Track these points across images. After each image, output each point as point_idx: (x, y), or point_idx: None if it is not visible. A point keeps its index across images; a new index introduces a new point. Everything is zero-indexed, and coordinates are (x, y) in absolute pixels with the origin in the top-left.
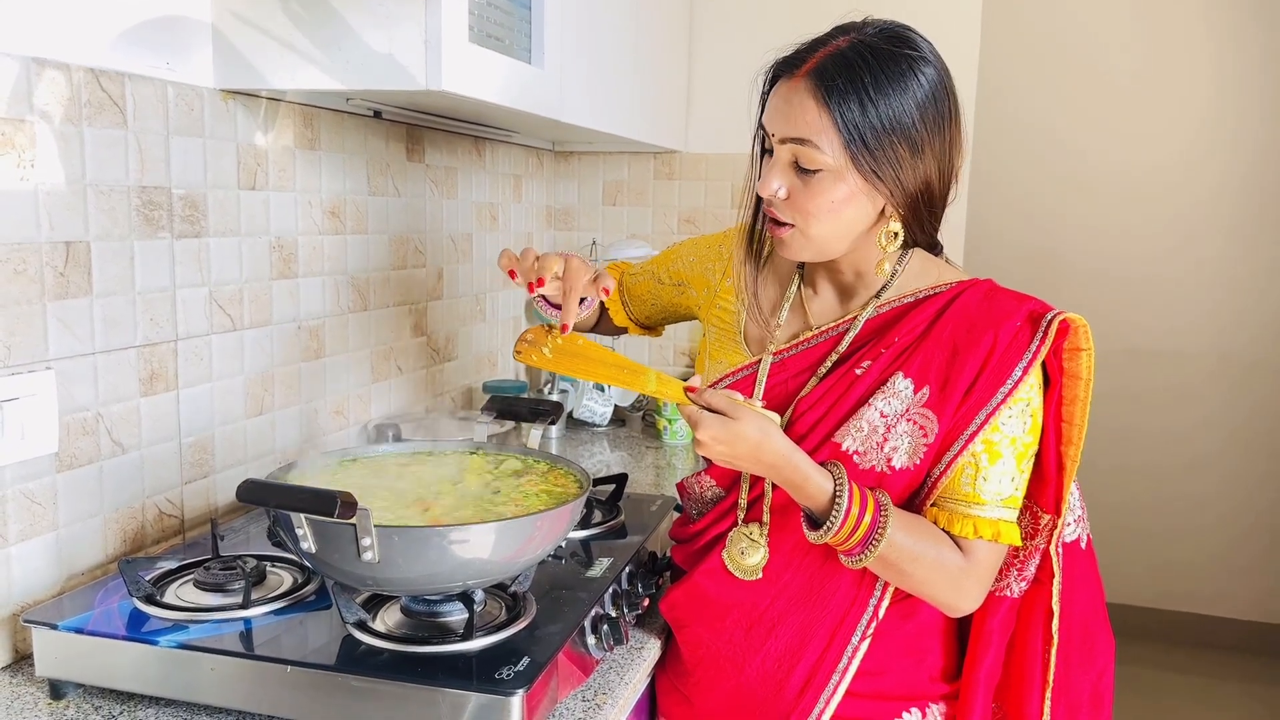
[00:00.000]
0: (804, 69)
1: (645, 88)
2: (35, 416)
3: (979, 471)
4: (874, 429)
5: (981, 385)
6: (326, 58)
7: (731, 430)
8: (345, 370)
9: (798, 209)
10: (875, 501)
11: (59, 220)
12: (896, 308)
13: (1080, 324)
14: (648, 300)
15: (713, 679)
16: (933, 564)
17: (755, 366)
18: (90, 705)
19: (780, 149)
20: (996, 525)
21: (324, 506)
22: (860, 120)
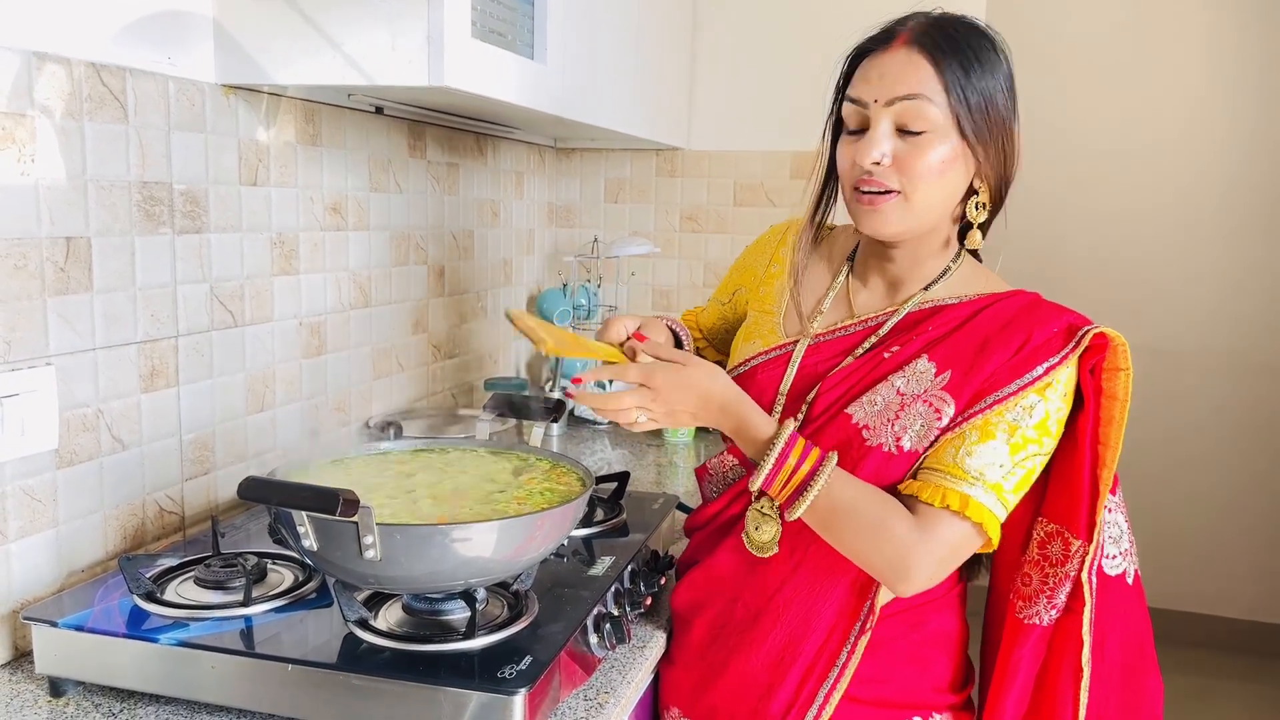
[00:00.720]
0: (901, 38)
1: (648, 84)
2: (35, 413)
3: (964, 444)
4: (888, 405)
5: (999, 376)
6: (329, 53)
7: (682, 376)
8: (346, 367)
9: (904, 171)
10: (820, 454)
11: (59, 215)
12: (940, 306)
13: (1120, 343)
14: (721, 328)
15: (723, 663)
16: (873, 527)
17: (791, 347)
18: (90, 703)
19: (883, 114)
20: (968, 500)
21: (326, 504)
22: (964, 81)
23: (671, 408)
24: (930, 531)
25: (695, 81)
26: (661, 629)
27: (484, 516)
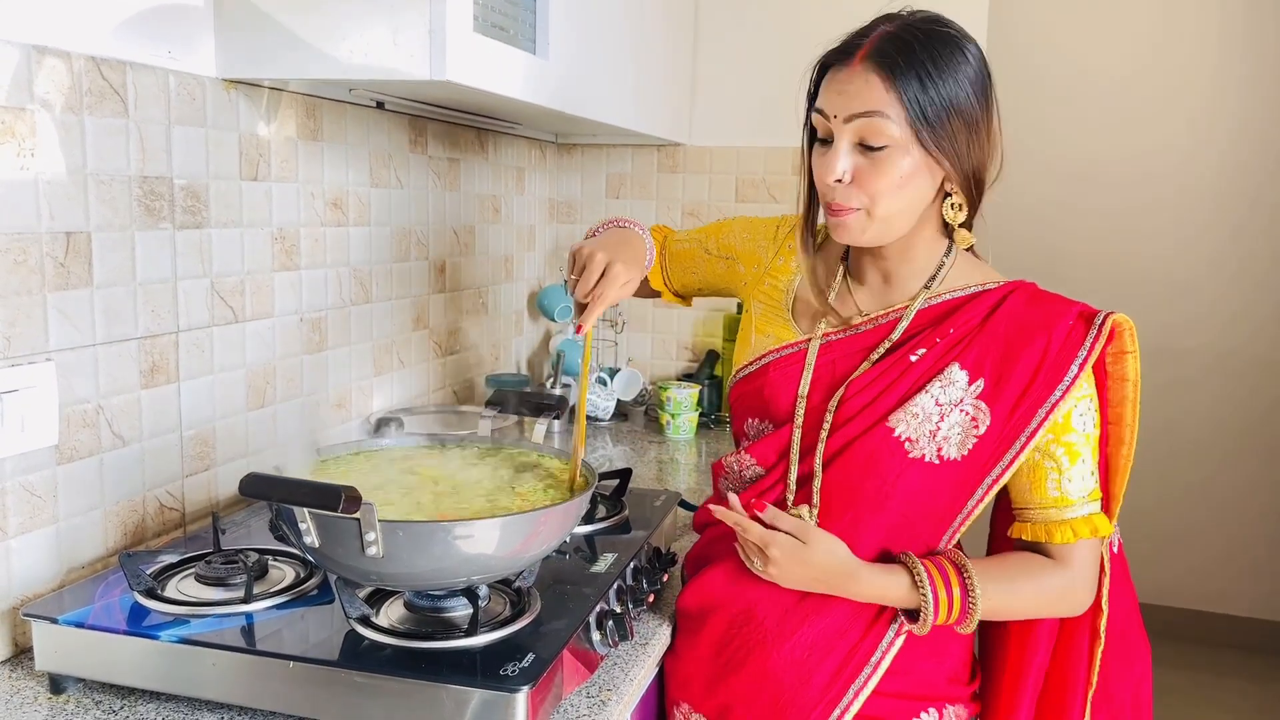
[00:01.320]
0: (860, 53)
1: (649, 80)
2: (35, 408)
3: (1063, 474)
4: (928, 416)
5: (1039, 384)
6: (330, 47)
7: (802, 555)
8: (347, 363)
9: (865, 188)
10: (956, 571)
11: (59, 210)
12: (949, 301)
13: (1128, 326)
14: (690, 269)
15: (740, 661)
16: (1036, 597)
17: (804, 345)
18: (90, 700)
19: (844, 131)
20: (1091, 521)
21: (328, 501)
22: (921, 95)
23: (787, 574)
24: (1078, 566)
25: (697, 77)
26: (665, 625)
27: (486, 513)
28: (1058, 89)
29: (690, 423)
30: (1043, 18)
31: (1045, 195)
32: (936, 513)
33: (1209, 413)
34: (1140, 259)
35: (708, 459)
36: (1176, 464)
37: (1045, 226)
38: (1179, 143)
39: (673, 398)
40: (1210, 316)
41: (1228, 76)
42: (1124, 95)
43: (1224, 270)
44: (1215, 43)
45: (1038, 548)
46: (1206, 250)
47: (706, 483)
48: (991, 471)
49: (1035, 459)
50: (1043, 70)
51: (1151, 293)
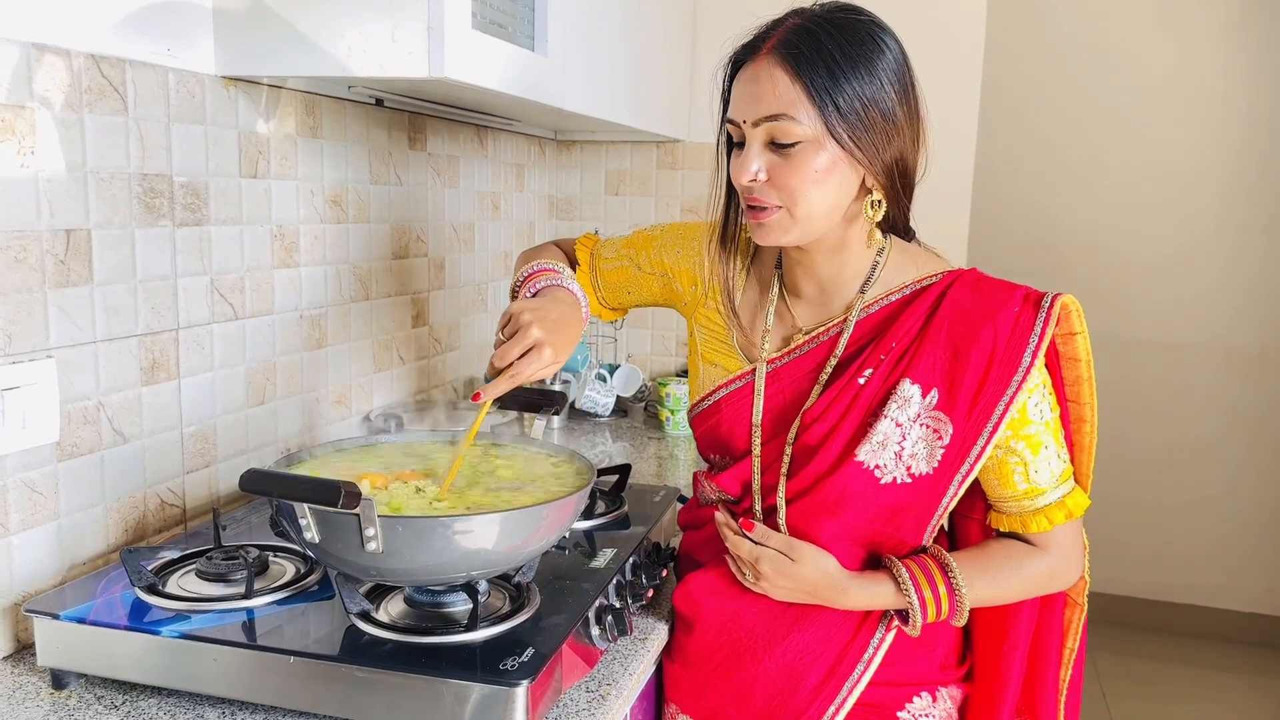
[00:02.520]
0: (766, 47)
1: (649, 76)
2: (36, 405)
3: (1028, 466)
4: (889, 439)
5: (993, 379)
6: (329, 45)
7: (791, 571)
8: (347, 360)
9: (781, 187)
10: (940, 569)
11: (59, 208)
12: (886, 306)
13: (1074, 306)
14: (624, 288)
15: (730, 667)
16: (1023, 582)
17: (750, 376)
18: (92, 695)
19: (754, 133)
20: (1064, 505)
21: (328, 496)
22: (831, 86)
23: (777, 588)
24: (1059, 547)
25: (696, 73)
26: (663, 621)
27: (486, 508)
28: (1059, 87)
29: None
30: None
31: (1047, 191)
32: (915, 520)
33: (1211, 408)
34: (1141, 254)
35: None
36: (1177, 459)
37: (1046, 222)
38: (1182, 137)
39: (672, 394)
40: (1213, 312)
41: (1228, 70)
42: (1127, 91)
43: (1227, 265)
44: (1222, 37)
45: (1017, 535)
46: (1208, 245)
47: None
48: (960, 470)
49: (998, 455)
50: (1043, 62)
51: (1150, 287)
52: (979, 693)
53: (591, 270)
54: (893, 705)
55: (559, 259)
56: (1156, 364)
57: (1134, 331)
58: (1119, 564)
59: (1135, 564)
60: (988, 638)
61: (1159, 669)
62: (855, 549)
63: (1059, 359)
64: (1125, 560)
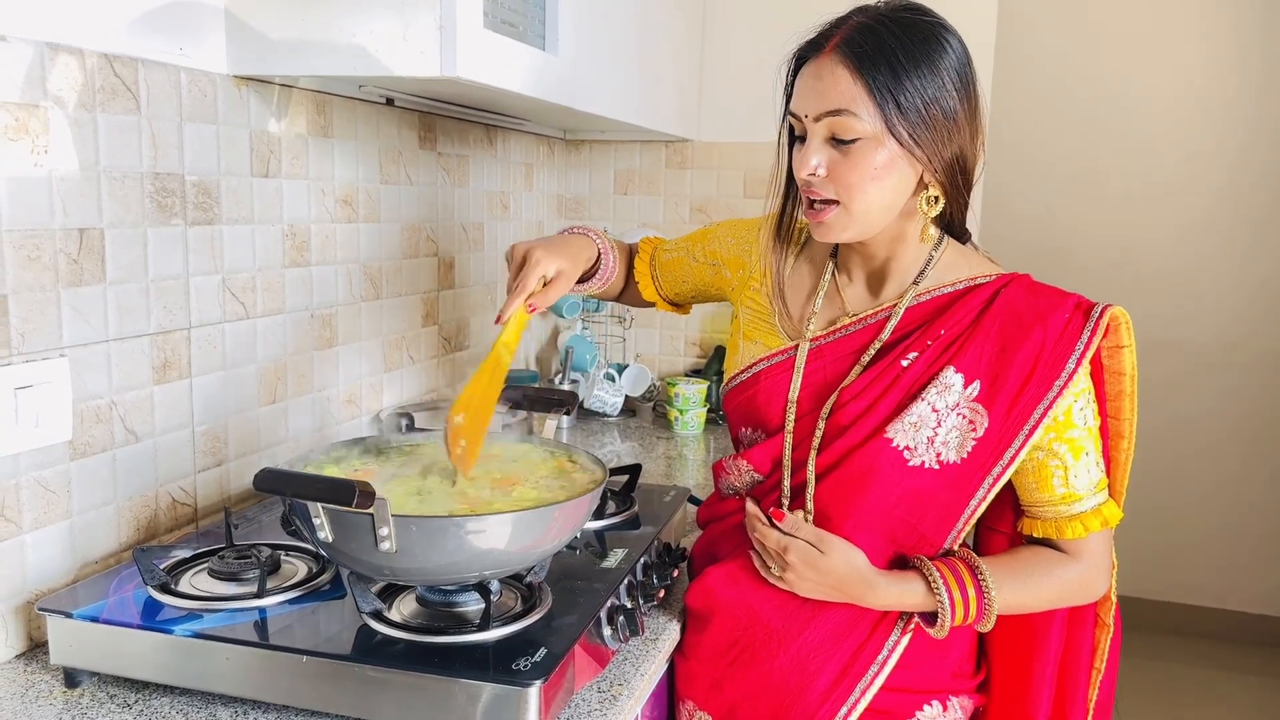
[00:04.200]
0: (830, 45)
1: (658, 76)
2: (49, 404)
3: (1068, 470)
4: (925, 423)
5: (1036, 380)
6: (341, 44)
7: (819, 563)
8: (357, 359)
9: (839, 182)
10: (970, 572)
11: (73, 207)
12: (938, 298)
13: (1124, 319)
14: (680, 278)
15: (745, 663)
16: (1052, 590)
17: (793, 352)
18: (105, 694)
19: (815, 127)
20: (1100, 513)
21: (342, 496)
22: (893, 84)
23: (804, 581)
24: (1090, 557)
25: (705, 73)
26: (675, 621)
27: (499, 508)
28: (1062, 86)
29: (698, 418)
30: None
31: (1053, 191)
32: (939, 515)
33: (1216, 407)
34: (1142, 253)
35: (716, 454)
36: (1182, 458)
37: (1049, 220)
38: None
39: (681, 393)
40: (1217, 311)
41: (1232, 70)
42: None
43: (1231, 263)
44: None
45: (1050, 542)
46: (1209, 244)
47: None
48: (992, 470)
49: (1039, 458)
50: (1050, 59)
51: (1154, 286)
52: (1000, 709)
53: (651, 262)
54: (903, 713)
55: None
56: (1160, 363)
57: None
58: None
59: (1139, 564)
60: (1012, 652)
61: (1163, 669)
62: (880, 543)
63: (1103, 371)
64: (1129, 560)
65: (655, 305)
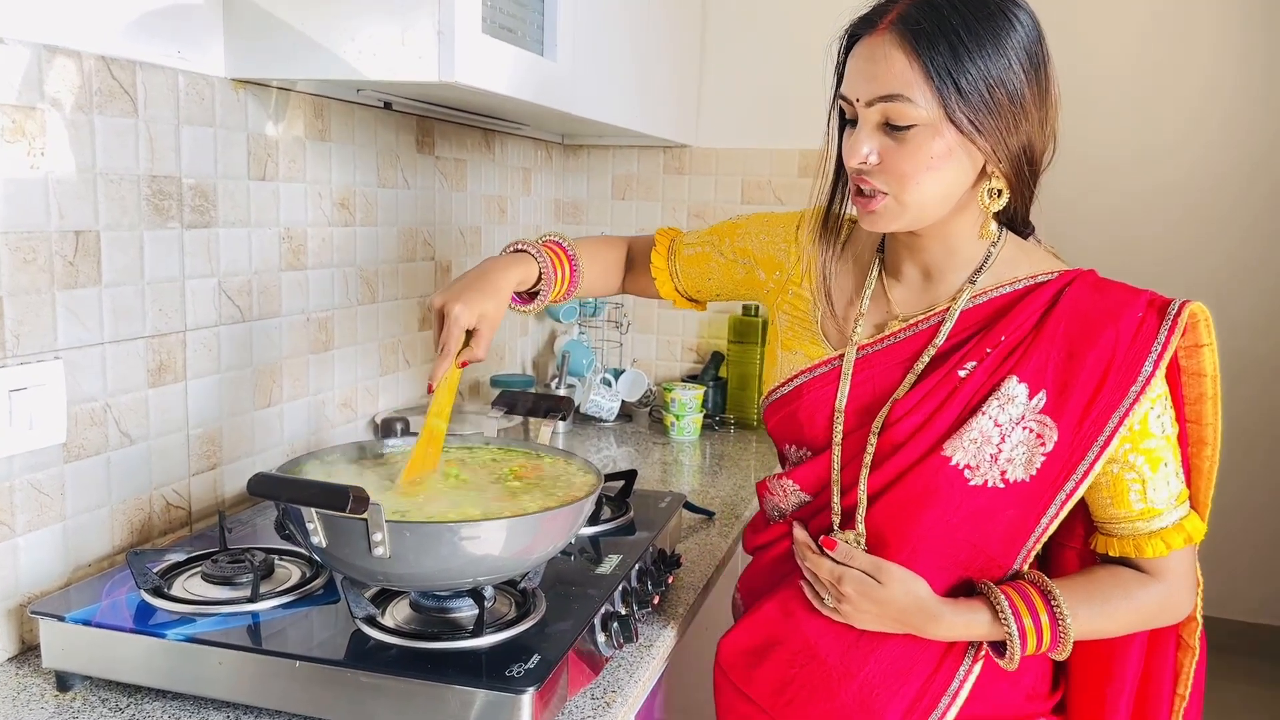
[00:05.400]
0: (885, 21)
1: (656, 81)
2: (43, 406)
3: (1146, 483)
4: (987, 439)
5: (1109, 388)
6: (338, 48)
7: (878, 595)
8: (353, 362)
9: (892, 172)
10: (1042, 597)
11: (69, 209)
12: (995, 299)
13: (1203, 316)
14: (704, 274)
15: (805, 701)
16: (1132, 613)
17: (837, 362)
18: (97, 697)
19: (867, 113)
20: (1183, 528)
21: (336, 501)
22: (953, 66)
23: (861, 614)
24: (1173, 575)
25: (703, 78)
26: (669, 628)
27: (493, 514)
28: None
29: (695, 424)
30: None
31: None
32: (1006, 536)
33: None
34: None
35: (712, 460)
36: None
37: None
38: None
39: (677, 399)
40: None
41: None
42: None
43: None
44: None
45: (1127, 561)
46: (1212, 251)
47: (710, 484)
48: (1064, 486)
49: (1114, 471)
50: None
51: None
52: None
53: (670, 256)
54: None
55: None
56: None
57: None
58: None
59: None
60: (1088, 678)
61: None
62: (943, 569)
63: (1180, 373)
64: None
65: (672, 301)
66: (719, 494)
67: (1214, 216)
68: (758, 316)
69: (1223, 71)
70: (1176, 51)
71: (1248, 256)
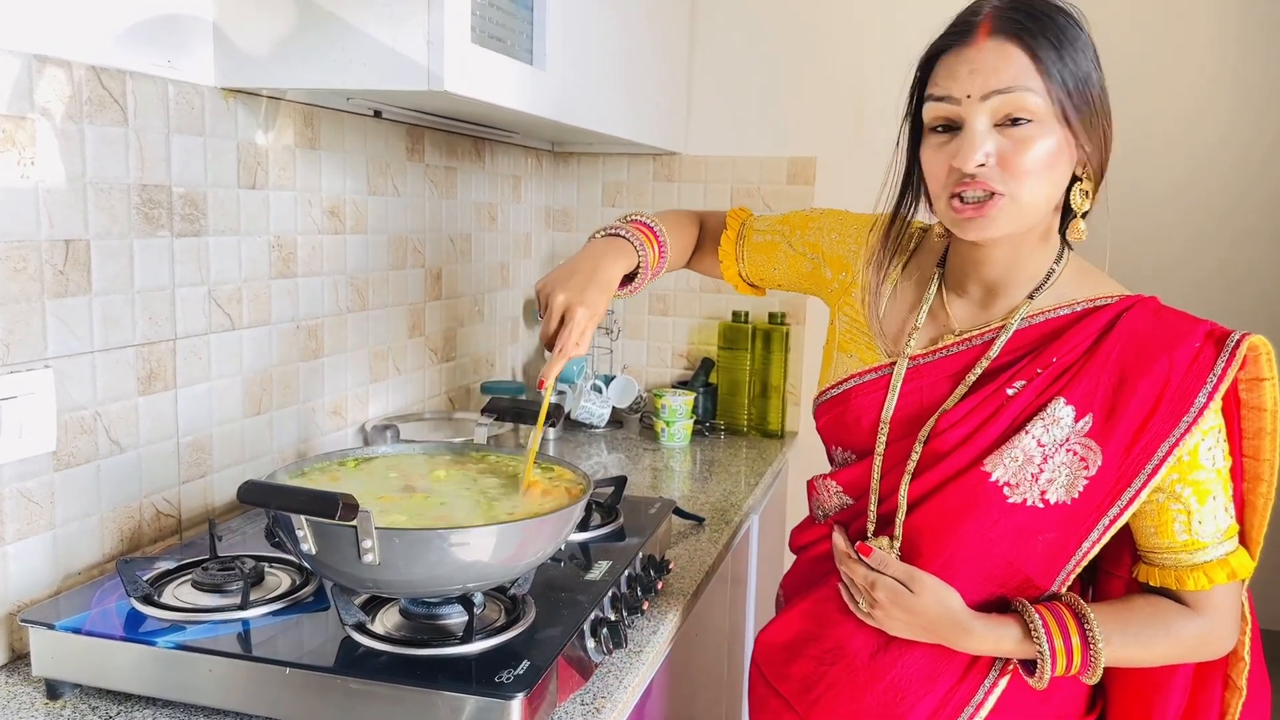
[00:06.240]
0: (983, 28)
1: (646, 89)
2: (33, 415)
3: (1192, 515)
4: (1029, 459)
5: (1160, 417)
6: (328, 57)
7: (909, 603)
8: (343, 370)
9: (1010, 169)
10: (1075, 619)
11: (59, 218)
12: (1053, 320)
13: (1265, 349)
14: (770, 263)
15: (833, 699)
16: (1169, 646)
17: (888, 370)
18: (87, 705)
19: (978, 110)
20: (1228, 563)
21: (325, 508)
22: (1059, 64)
23: (892, 620)
24: (1216, 610)
25: (693, 86)
26: (659, 633)
27: (483, 521)
28: None
29: (685, 430)
30: None
31: None
32: (1045, 557)
33: None
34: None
35: (702, 466)
36: None
37: None
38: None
39: (668, 405)
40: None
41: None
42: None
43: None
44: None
45: (1169, 592)
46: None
47: (701, 490)
48: (1108, 512)
49: (1160, 500)
50: None
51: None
52: None
53: (739, 239)
54: None
55: (666, 219)
56: None
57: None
58: None
59: None
60: (1129, 709)
61: None
62: (978, 583)
63: (1239, 406)
64: None
65: (734, 286)
66: (709, 500)
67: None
68: (747, 323)
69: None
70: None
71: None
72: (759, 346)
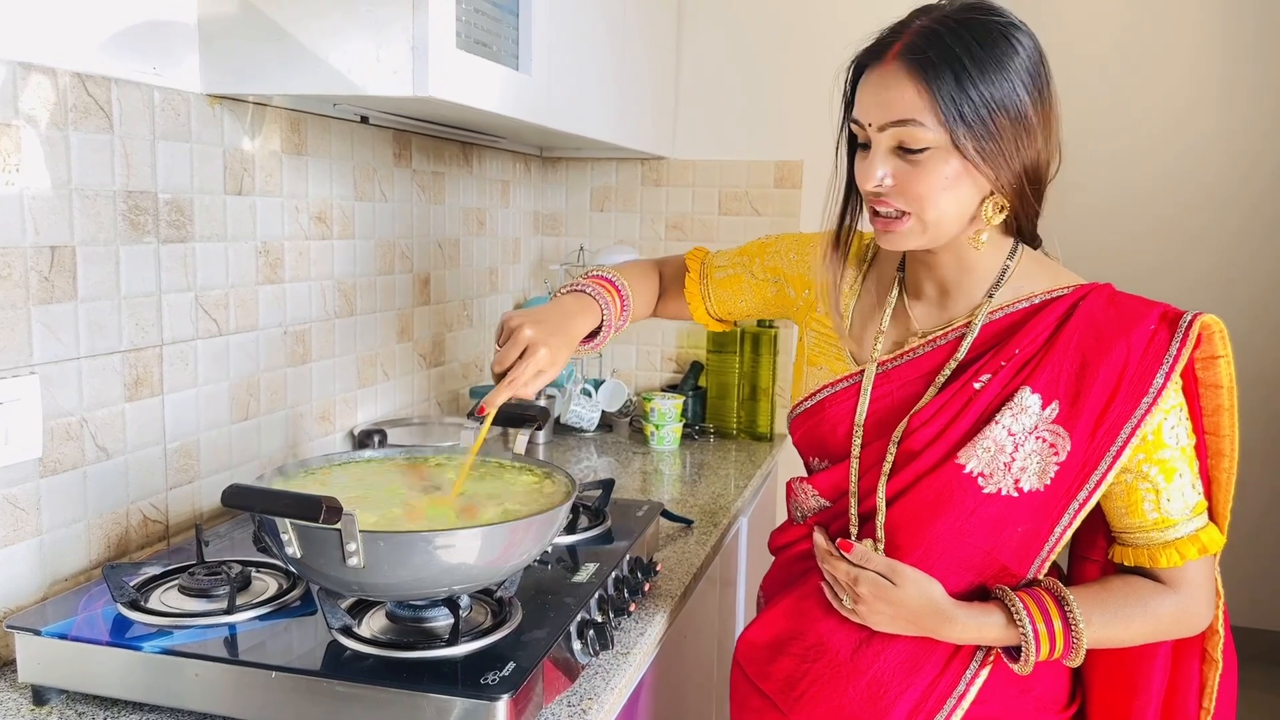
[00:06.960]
0: (892, 51)
1: (633, 94)
2: (19, 421)
3: (1160, 493)
4: (1000, 448)
5: (1121, 399)
6: (314, 63)
7: (892, 596)
8: (331, 375)
9: (908, 194)
10: (1055, 603)
11: (44, 224)
12: (1012, 314)
13: (1218, 328)
14: (736, 296)
15: (815, 696)
16: (1147, 623)
17: (858, 377)
18: (74, 711)
19: (879, 137)
20: (1198, 539)
21: (309, 511)
22: (957, 94)
23: (876, 614)
24: (1189, 586)
25: (680, 91)
26: (646, 635)
27: (468, 524)
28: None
29: (674, 433)
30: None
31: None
32: (1020, 544)
33: None
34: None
35: (692, 470)
36: None
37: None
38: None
39: (657, 408)
40: None
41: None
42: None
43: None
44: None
45: (1144, 571)
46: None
47: (690, 493)
48: (1077, 496)
49: (1128, 481)
50: None
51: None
52: None
53: (702, 279)
54: None
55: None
56: None
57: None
58: None
59: None
60: (1112, 691)
61: None
62: (957, 574)
63: (1197, 384)
64: None
65: (706, 325)
66: (698, 502)
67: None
68: (736, 325)
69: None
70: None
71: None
72: (748, 350)
